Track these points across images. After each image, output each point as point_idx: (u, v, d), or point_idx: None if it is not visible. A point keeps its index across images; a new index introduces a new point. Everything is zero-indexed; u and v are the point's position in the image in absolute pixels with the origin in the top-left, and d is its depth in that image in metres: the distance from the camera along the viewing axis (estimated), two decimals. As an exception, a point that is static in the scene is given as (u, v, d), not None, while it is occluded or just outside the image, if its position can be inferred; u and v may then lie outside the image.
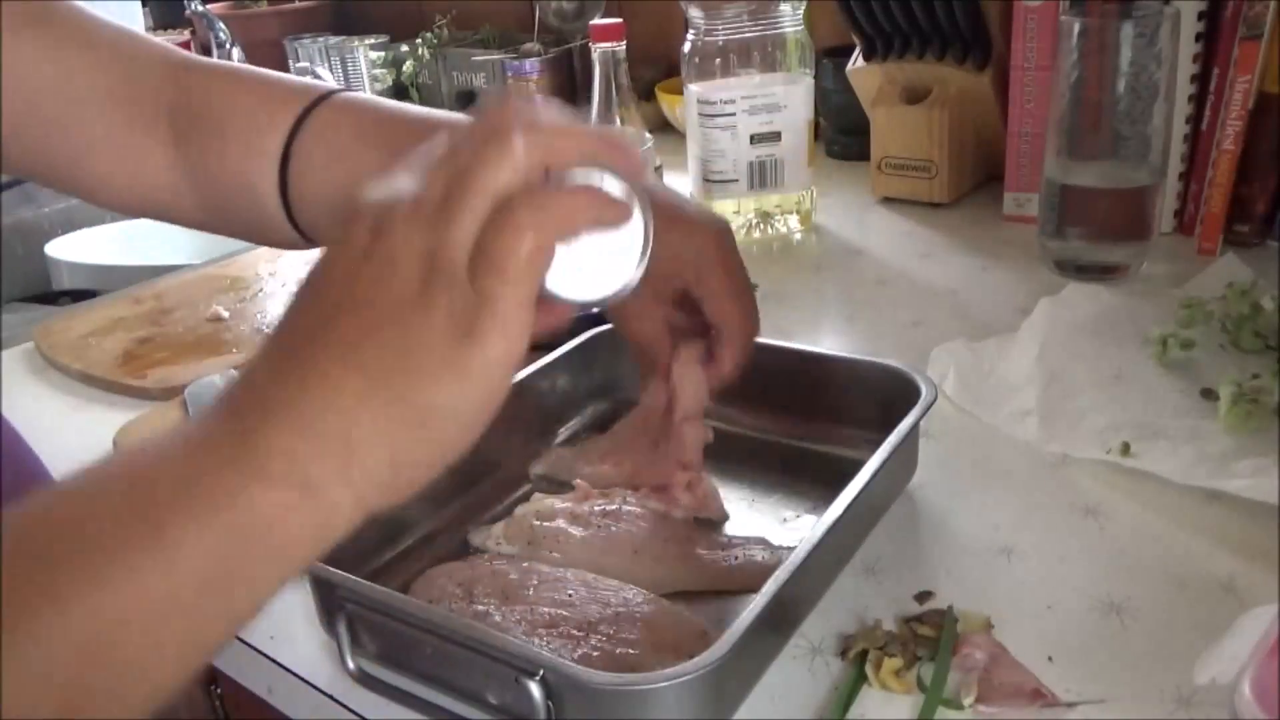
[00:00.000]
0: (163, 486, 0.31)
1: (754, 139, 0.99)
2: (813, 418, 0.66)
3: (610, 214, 0.35)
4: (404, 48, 1.65)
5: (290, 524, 0.31)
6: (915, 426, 0.57)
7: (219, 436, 0.32)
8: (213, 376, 0.80)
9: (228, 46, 1.54)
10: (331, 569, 0.48)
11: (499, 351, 0.32)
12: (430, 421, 0.33)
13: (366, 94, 0.56)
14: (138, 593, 0.29)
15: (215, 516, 0.30)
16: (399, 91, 1.66)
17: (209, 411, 0.33)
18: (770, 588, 0.45)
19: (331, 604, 0.49)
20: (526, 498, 0.61)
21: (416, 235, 0.33)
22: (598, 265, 0.36)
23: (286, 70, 1.73)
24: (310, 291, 0.34)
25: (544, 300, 0.34)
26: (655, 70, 1.44)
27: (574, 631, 0.49)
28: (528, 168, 0.33)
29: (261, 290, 1.00)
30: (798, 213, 1.04)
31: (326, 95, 0.55)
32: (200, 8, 1.57)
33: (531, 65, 1.47)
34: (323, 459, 0.31)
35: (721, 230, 0.53)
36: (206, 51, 1.67)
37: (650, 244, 0.36)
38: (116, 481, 0.31)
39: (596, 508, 0.58)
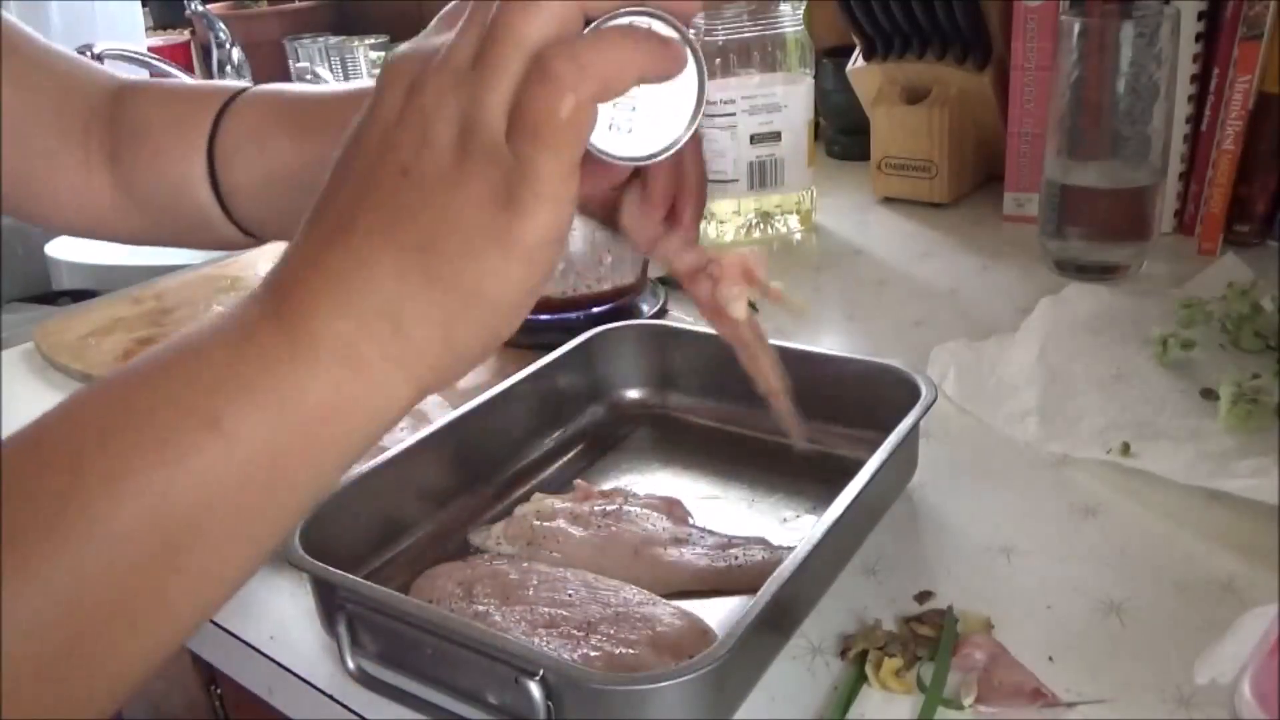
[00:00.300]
0: (214, 376, 0.30)
1: (754, 139, 0.99)
2: (813, 418, 0.66)
3: (662, 63, 0.31)
4: (404, 48, 1.65)
5: (346, 406, 0.31)
6: (915, 426, 0.57)
7: (265, 323, 0.31)
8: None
9: (228, 46, 1.54)
10: (331, 569, 0.48)
11: (542, 223, 0.30)
12: (475, 300, 0.31)
13: (279, 84, 0.58)
14: (201, 475, 0.29)
15: (270, 403, 0.30)
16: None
17: (252, 299, 0.31)
18: (770, 588, 0.45)
19: (331, 604, 0.49)
20: (526, 498, 0.61)
21: (450, 96, 0.30)
22: (647, 117, 0.32)
23: (287, 70, 1.73)
24: (345, 161, 0.32)
25: (589, 160, 0.31)
26: (655, 70, 1.44)
27: (574, 631, 0.49)
28: (564, 16, 0.30)
29: (261, 290, 1.00)
30: (798, 213, 1.04)
31: (242, 90, 0.56)
32: (200, 8, 1.57)
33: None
34: (371, 339, 0.30)
35: None
36: (207, 51, 1.68)
37: (705, 92, 0.33)
38: (167, 370, 0.30)
39: (596, 508, 0.58)
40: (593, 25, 0.31)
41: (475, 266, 0.30)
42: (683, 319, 0.85)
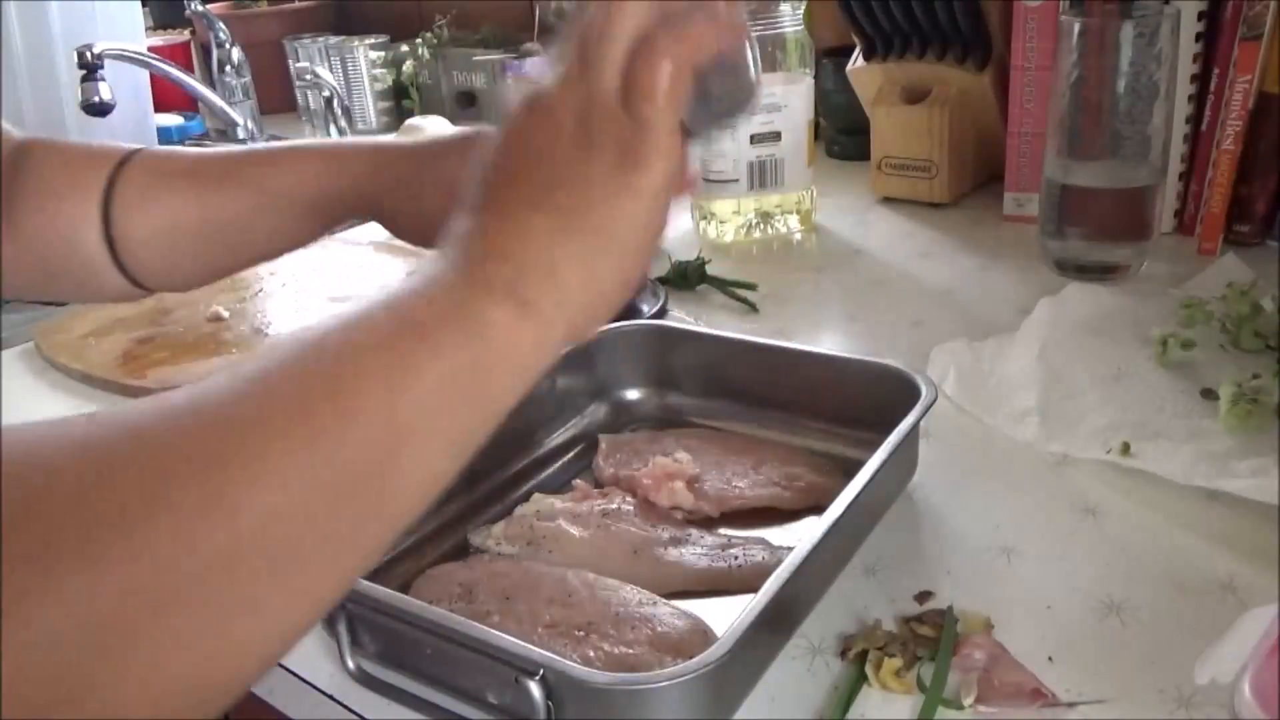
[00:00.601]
0: (413, 306, 0.34)
1: (754, 139, 0.99)
2: (813, 418, 0.66)
3: (730, 34, 0.39)
4: (404, 48, 1.65)
5: (515, 339, 0.35)
6: (915, 426, 0.57)
7: (447, 275, 0.36)
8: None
9: (228, 46, 1.54)
10: (331, 569, 0.48)
11: (659, 170, 0.38)
12: (613, 242, 0.38)
13: (172, 148, 0.65)
14: (416, 382, 0.32)
15: (464, 324, 0.34)
16: (399, 91, 1.66)
17: (423, 267, 0.37)
18: (770, 588, 0.45)
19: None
20: (526, 498, 0.61)
21: (569, 95, 0.38)
22: (719, 91, 0.40)
23: (287, 70, 1.73)
24: (489, 168, 0.39)
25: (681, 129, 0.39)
26: (655, 70, 1.44)
27: (574, 631, 0.49)
28: (643, 13, 0.38)
29: (261, 290, 1.00)
30: (798, 213, 1.04)
31: (136, 150, 0.62)
32: (200, 8, 1.57)
33: (531, 65, 1.47)
34: (534, 283, 0.36)
35: None
36: (207, 51, 1.68)
37: (759, 71, 0.41)
38: (370, 312, 0.34)
39: (596, 508, 0.58)
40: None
41: (609, 214, 0.38)
42: (683, 319, 0.85)
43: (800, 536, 0.49)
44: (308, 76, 1.61)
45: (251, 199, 0.60)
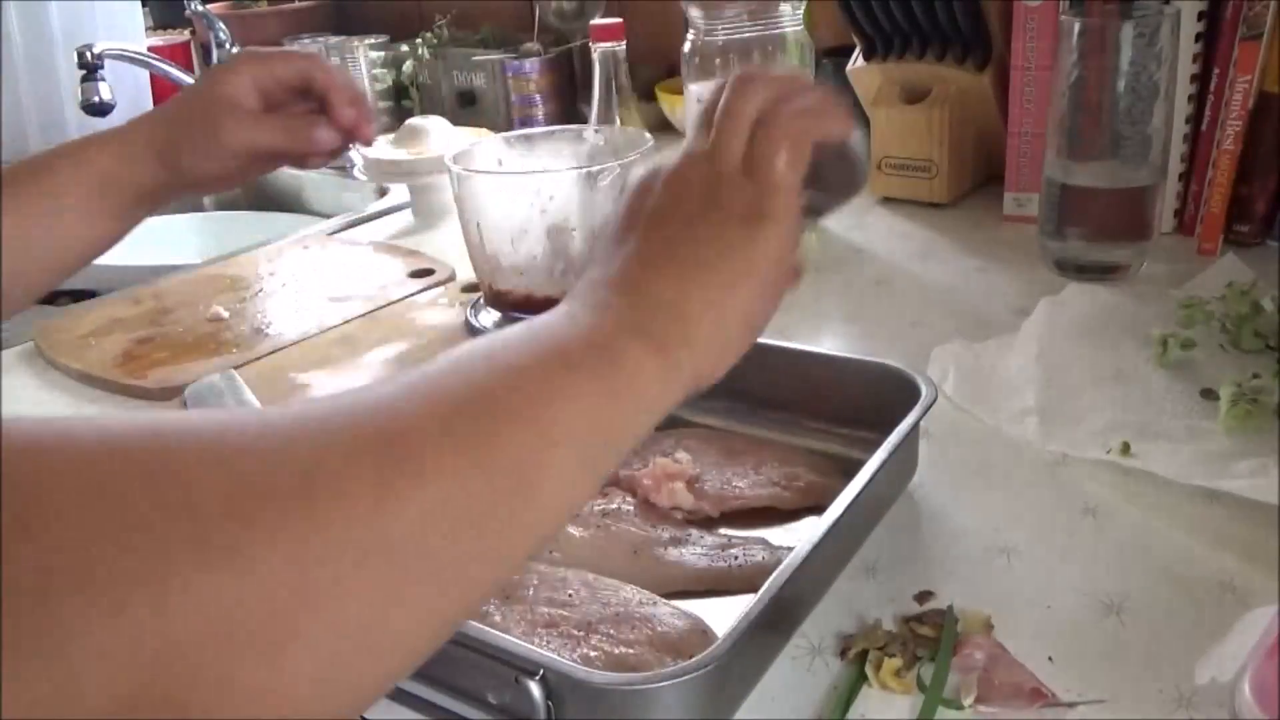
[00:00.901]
0: (553, 337, 0.37)
1: (754, 139, 0.99)
2: (813, 418, 0.66)
3: (841, 123, 0.45)
4: (404, 48, 1.65)
5: (646, 376, 0.38)
6: (915, 426, 0.57)
7: (581, 313, 0.39)
8: (213, 376, 0.80)
9: (228, 46, 1.54)
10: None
11: (781, 226, 0.43)
12: (738, 289, 0.41)
13: None
14: (559, 410, 0.34)
15: (601, 358, 0.37)
16: (399, 91, 1.66)
17: (560, 308, 0.40)
18: (770, 587, 0.45)
19: (331, 604, 0.49)
20: (526, 498, 0.61)
21: (696, 170, 0.44)
22: (827, 178, 0.46)
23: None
24: (622, 226, 0.44)
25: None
26: (655, 70, 1.44)
27: (574, 631, 0.49)
28: (771, 95, 0.44)
29: (261, 290, 1.00)
30: (798, 213, 1.04)
31: None
32: (200, 8, 1.57)
33: (531, 65, 1.47)
34: (667, 323, 0.39)
35: None
36: (207, 51, 1.68)
37: (868, 159, 0.46)
38: (514, 340, 0.37)
39: (596, 508, 0.58)
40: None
41: (735, 266, 0.42)
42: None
43: (800, 536, 0.49)
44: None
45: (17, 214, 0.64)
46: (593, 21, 0.98)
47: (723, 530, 0.59)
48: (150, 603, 0.23)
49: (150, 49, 1.64)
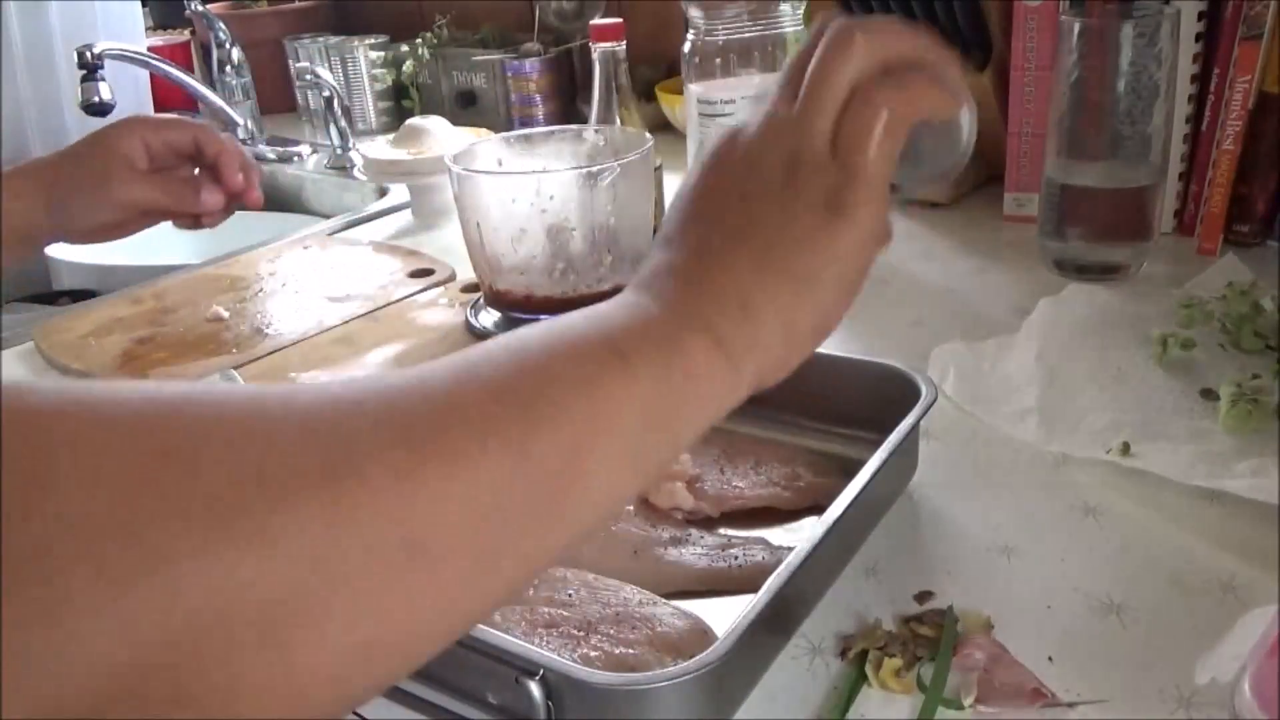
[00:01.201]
0: (612, 327, 0.35)
1: (754, 139, 0.99)
2: (813, 418, 0.66)
3: (947, 101, 0.39)
4: (404, 48, 1.65)
5: (706, 375, 0.35)
6: (915, 426, 0.57)
7: (646, 302, 0.37)
8: (213, 376, 0.80)
9: (228, 46, 1.54)
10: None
11: (864, 219, 0.38)
12: (811, 287, 0.38)
13: None
14: (606, 400, 0.33)
15: (660, 350, 0.35)
16: (399, 91, 1.66)
17: (626, 299, 0.37)
18: (770, 588, 0.45)
19: (331, 604, 0.49)
20: (526, 498, 0.61)
21: (776, 139, 0.38)
22: (925, 154, 0.41)
23: (287, 70, 1.73)
24: (689, 203, 0.40)
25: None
26: (655, 70, 1.44)
27: (574, 631, 0.49)
28: (870, 61, 0.38)
29: (261, 290, 1.00)
30: (798, 213, 1.04)
31: None
32: (200, 8, 1.57)
33: (531, 65, 1.47)
34: (730, 320, 0.36)
35: None
36: (207, 51, 1.68)
37: (974, 137, 0.41)
38: (566, 325, 0.35)
39: (596, 508, 0.58)
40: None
41: (810, 260, 0.37)
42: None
43: (800, 536, 0.49)
44: (308, 76, 1.61)
45: None
46: (593, 21, 0.98)
47: (723, 530, 0.59)
48: (161, 579, 0.22)
49: (150, 49, 1.64)
